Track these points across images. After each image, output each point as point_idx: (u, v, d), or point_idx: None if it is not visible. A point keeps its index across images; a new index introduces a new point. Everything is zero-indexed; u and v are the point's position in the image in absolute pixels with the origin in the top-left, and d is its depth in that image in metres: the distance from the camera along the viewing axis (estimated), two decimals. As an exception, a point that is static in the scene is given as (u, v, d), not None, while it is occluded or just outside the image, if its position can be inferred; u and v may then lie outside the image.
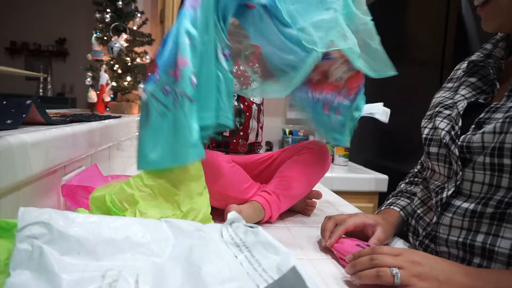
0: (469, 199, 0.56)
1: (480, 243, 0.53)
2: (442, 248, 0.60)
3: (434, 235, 0.61)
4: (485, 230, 0.54)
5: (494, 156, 0.52)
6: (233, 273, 0.38)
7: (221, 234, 0.48)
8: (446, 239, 0.59)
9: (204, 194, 0.59)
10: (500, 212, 0.52)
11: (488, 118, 0.57)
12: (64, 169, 0.66)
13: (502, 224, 0.52)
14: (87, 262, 0.36)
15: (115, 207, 0.50)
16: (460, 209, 0.57)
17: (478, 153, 0.55)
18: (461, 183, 0.58)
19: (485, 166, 0.54)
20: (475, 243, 0.54)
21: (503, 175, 0.52)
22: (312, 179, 0.82)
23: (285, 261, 0.39)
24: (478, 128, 0.57)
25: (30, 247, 0.34)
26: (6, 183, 0.45)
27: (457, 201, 0.58)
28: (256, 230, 0.46)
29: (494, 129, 0.53)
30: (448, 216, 0.58)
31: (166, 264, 0.39)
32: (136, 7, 1.59)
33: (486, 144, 0.53)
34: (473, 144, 0.56)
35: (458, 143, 0.58)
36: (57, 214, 0.38)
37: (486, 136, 0.54)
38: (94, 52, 1.50)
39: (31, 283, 0.32)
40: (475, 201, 0.55)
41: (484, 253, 0.53)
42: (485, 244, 0.53)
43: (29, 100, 0.60)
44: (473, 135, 0.56)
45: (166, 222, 0.45)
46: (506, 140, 0.51)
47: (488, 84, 0.63)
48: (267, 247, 0.42)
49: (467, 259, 0.56)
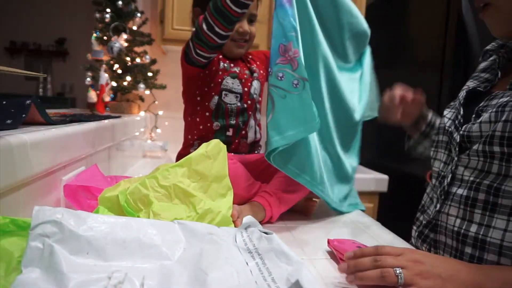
0: (461, 185, 0.59)
1: (473, 233, 0.55)
2: (441, 237, 0.62)
3: (435, 224, 0.63)
4: (478, 221, 0.56)
5: (486, 144, 0.54)
6: (240, 282, 0.38)
7: (235, 238, 0.47)
8: (445, 227, 0.61)
9: (227, 196, 0.58)
10: (492, 201, 0.53)
11: (486, 106, 0.58)
12: (64, 169, 0.66)
13: (494, 215, 0.53)
14: (96, 262, 0.37)
15: (130, 207, 0.50)
16: (456, 195, 0.59)
17: (476, 142, 0.57)
18: (456, 168, 0.61)
19: (479, 153, 0.56)
20: (469, 233, 0.56)
21: (493, 161, 0.54)
22: None
23: (296, 272, 0.38)
24: (477, 117, 0.59)
25: (42, 245, 0.35)
26: (6, 183, 0.45)
27: (453, 188, 0.61)
28: (270, 236, 0.46)
29: (490, 118, 0.54)
30: (447, 204, 0.61)
31: (174, 268, 0.39)
32: (136, 7, 1.59)
33: (484, 133, 0.55)
34: (472, 134, 0.58)
35: (460, 132, 0.61)
36: (69, 213, 0.38)
37: (483, 125, 0.55)
38: (94, 52, 1.49)
39: (39, 281, 0.33)
40: (467, 186, 0.57)
41: (476, 243, 0.55)
42: (478, 234, 0.54)
43: (29, 100, 0.59)
44: (473, 124, 0.58)
45: (179, 224, 0.45)
46: (497, 129, 0.52)
47: (493, 73, 0.64)
48: (280, 255, 0.42)
49: (459, 249, 0.57)
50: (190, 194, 0.53)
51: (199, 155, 0.57)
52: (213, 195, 0.56)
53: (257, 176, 0.86)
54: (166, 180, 0.53)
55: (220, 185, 0.58)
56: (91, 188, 0.65)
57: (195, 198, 0.53)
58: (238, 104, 0.94)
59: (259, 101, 1.01)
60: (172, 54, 1.81)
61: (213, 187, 0.56)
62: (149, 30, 1.67)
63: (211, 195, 0.56)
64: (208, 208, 0.53)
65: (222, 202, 0.56)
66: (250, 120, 0.95)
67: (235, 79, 0.94)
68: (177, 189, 0.53)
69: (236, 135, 0.93)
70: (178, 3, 1.55)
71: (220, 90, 0.92)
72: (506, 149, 0.51)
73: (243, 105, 0.94)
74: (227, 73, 0.93)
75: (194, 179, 0.56)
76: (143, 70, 1.55)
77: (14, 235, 0.37)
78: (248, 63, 1.01)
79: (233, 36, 0.92)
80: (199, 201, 0.53)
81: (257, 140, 0.99)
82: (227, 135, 0.92)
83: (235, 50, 0.95)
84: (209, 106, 0.93)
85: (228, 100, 0.93)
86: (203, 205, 0.53)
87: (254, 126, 0.98)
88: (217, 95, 0.92)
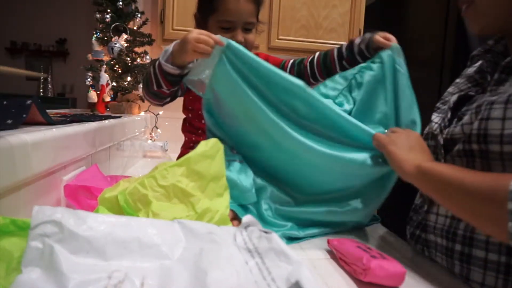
0: None
1: (461, 231, 0.57)
2: (430, 236, 0.63)
3: (425, 224, 0.64)
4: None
5: (465, 143, 0.55)
6: (240, 281, 0.38)
7: (234, 237, 0.47)
8: (434, 227, 0.62)
9: (224, 195, 0.58)
10: None
11: (467, 109, 0.60)
12: (64, 169, 0.66)
13: None
14: (96, 262, 0.37)
15: (129, 207, 0.50)
16: None
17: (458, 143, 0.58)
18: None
19: (460, 153, 0.57)
20: (458, 231, 0.57)
21: (475, 159, 0.55)
22: None
23: (296, 271, 0.38)
24: (459, 120, 0.60)
25: (42, 245, 0.35)
26: (6, 183, 0.45)
27: None
28: (270, 236, 0.46)
29: (470, 120, 0.56)
30: (435, 204, 0.62)
31: (174, 267, 0.39)
32: (136, 7, 1.59)
33: (465, 135, 0.56)
34: (455, 136, 0.59)
35: (443, 136, 0.62)
36: (69, 213, 0.38)
37: (464, 127, 0.57)
38: (94, 52, 1.50)
39: (39, 281, 0.33)
40: None
41: (465, 241, 0.56)
42: (466, 232, 0.56)
43: (29, 100, 0.60)
44: (455, 127, 0.59)
45: (179, 224, 0.45)
46: (473, 127, 0.53)
47: (483, 77, 0.65)
48: (279, 255, 0.42)
49: (449, 247, 0.58)
50: (189, 194, 0.53)
51: (198, 154, 0.57)
52: (210, 195, 0.56)
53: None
54: (165, 179, 0.53)
55: (218, 185, 0.58)
56: (91, 188, 0.65)
57: (194, 197, 0.53)
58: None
59: None
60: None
61: (211, 187, 0.56)
62: (150, 31, 1.68)
63: (209, 195, 0.56)
64: (206, 207, 0.53)
65: (219, 202, 0.56)
66: None
67: None
68: (176, 189, 0.53)
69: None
70: (178, 4, 1.56)
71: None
72: (483, 146, 0.52)
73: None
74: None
75: (192, 179, 0.56)
76: (144, 70, 1.56)
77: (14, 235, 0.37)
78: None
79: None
80: (197, 201, 0.53)
81: None
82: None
83: None
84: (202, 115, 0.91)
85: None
86: (202, 204, 0.53)
87: None
88: None
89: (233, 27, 0.86)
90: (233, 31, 0.86)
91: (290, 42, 1.71)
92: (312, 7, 1.71)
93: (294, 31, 1.72)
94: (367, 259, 0.50)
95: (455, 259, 0.57)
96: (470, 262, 0.55)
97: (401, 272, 0.50)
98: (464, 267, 0.56)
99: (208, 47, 0.67)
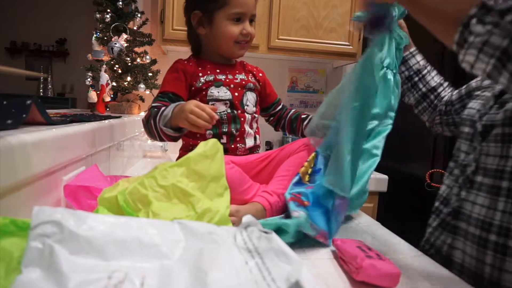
0: (485, 173, 0.60)
1: (498, 221, 0.56)
2: (463, 224, 0.63)
3: (458, 211, 0.64)
4: (501, 208, 0.57)
5: (505, 126, 0.56)
6: (240, 281, 0.38)
7: (234, 237, 0.47)
8: (469, 215, 0.62)
9: (224, 195, 0.58)
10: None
11: (511, 97, 0.59)
12: (65, 169, 0.66)
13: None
14: (96, 262, 0.37)
15: (129, 207, 0.50)
16: (480, 184, 0.61)
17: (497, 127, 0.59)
18: (479, 157, 0.62)
19: (497, 138, 0.58)
20: (493, 221, 0.57)
21: (510, 144, 0.55)
22: None
23: (296, 271, 0.38)
24: (501, 107, 0.60)
25: (42, 246, 0.35)
26: (6, 183, 0.45)
27: (478, 177, 0.62)
28: (270, 236, 0.46)
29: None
30: (471, 193, 0.62)
31: (174, 267, 0.39)
32: (136, 7, 1.59)
33: (508, 118, 0.57)
34: (496, 122, 0.59)
35: (483, 122, 0.62)
36: (69, 213, 0.38)
37: (507, 112, 0.57)
38: (94, 52, 1.50)
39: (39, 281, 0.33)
40: (490, 175, 0.59)
41: (500, 231, 0.56)
42: (502, 222, 0.56)
43: (29, 100, 0.60)
44: (496, 113, 0.60)
45: (179, 224, 0.45)
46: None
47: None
48: (279, 255, 0.42)
49: (483, 237, 0.58)
50: (189, 194, 0.53)
51: (197, 154, 0.57)
52: (211, 195, 0.56)
53: (256, 175, 0.86)
54: (165, 179, 0.53)
55: (218, 185, 0.58)
56: (91, 188, 0.65)
57: (194, 197, 0.53)
58: (228, 111, 0.92)
59: (256, 111, 0.99)
60: (172, 54, 1.81)
61: (211, 187, 0.57)
62: (150, 31, 1.68)
63: (209, 195, 0.56)
64: (207, 207, 0.53)
65: (219, 202, 0.56)
66: (244, 126, 0.94)
67: (220, 87, 0.92)
68: (176, 189, 0.53)
69: (230, 142, 0.93)
70: (178, 4, 1.56)
71: (207, 102, 0.91)
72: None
73: (233, 112, 0.92)
74: (210, 84, 0.92)
75: (192, 179, 0.56)
76: (144, 70, 1.56)
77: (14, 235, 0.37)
78: (243, 71, 1.00)
79: (237, 39, 0.92)
80: (198, 201, 0.53)
81: (256, 145, 0.99)
82: (221, 142, 0.92)
83: (237, 52, 0.95)
84: None
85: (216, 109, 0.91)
86: (202, 204, 0.53)
87: (253, 134, 0.97)
88: None
89: (242, 19, 0.91)
90: (242, 23, 0.91)
91: (290, 42, 1.71)
92: (312, 7, 1.71)
93: (294, 31, 1.72)
94: (361, 258, 0.50)
95: (489, 249, 0.57)
96: (506, 253, 0.55)
97: (395, 273, 0.50)
98: (497, 257, 0.56)
99: (200, 120, 0.74)
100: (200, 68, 0.94)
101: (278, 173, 0.81)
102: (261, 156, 0.89)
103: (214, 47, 0.96)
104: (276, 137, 2.08)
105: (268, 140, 2.05)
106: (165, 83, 0.93)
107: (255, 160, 0.89)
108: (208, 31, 0.93)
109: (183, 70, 0.93)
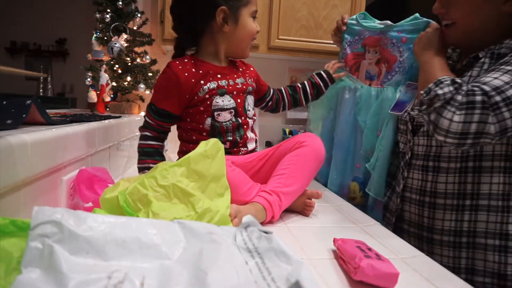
0: (418, 157, 0.88)
1: (429, 188, 0.85)
2: (407, 193, 0.91)
3: (404, 185, 0.92)
4: (430, 179, 0.85)
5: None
6: (240, 281, 0.38)
7: (234, 237, 0.47)
8: (410, 187, 0.90)
9: (225, 195, 0.58)
10: (437, 166, 0.83)
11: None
12: (64, 169, 0.66)
13: (439, 174, 0.83)
14: (96, 262, 0.36)
15: (129, 207, 0.50)
16: (415, 165, 0.89)
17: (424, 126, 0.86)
18: (413, 147, 0.90)
19: (424, 134, 0.86)
20: (426, 188, 0.85)
21: (432, 138, 0.83)
22: (310, 172, 0.83)
23: (296, 271, 0.38)
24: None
25: (41, 246, 0.35)
26: (6, 183, 0.45)
27: (413, 160, 0.90)
28: (270, 236, 0.46)
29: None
30: (411, 171, 0.90)
31: (174, 267, 0.39)
32: (136, 7, 1.59)
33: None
34: (422, 123, 0.84)
35: (414, 122, 0.91)
36: (69, 213, 0.38)
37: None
38: (94, 52, 1.49)
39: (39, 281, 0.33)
40: (421, 158, 0.87)
41: (431, 194, 0.84)
42: (432, 188, 0.84)
43: (29, 100, 0.60)
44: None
45: (179, 224, 0.45)
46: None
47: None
48: (279, 255, 0.42)
49: (420, 199, 0.87)
50: (189, 194, 0.53)
51: (197, 154, 0.57)
52: (211, 195, 0.56)
53: (255, 174, 0.87)
54: (165, 179, 0.53)
55: (218, 185, 0.58)
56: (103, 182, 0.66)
57: (194, 197, 0.53)
58: (233, 120, 0.90)
59: (254, 113, 0.98)
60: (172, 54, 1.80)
61: (211, 187, 0.57)
62: (149, 30, 1.68)
63: (209, 195, 0.56)
64: (207, 207, 0.53)
65: (220, 202, 0.56)
66: (247, 133, 0.94)
67: (224, 96, 0.89)
68: (176, 189, 0.53)
69: (233, 147, 0.92)
70: (178, 3, 1.55)
71: (212, 111, 0.88)
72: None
73: (238, 120, 0.90)
74: (214, 92, 0.88)
75: (192, 179, 0.56)
76: (143, 70, 1.55)
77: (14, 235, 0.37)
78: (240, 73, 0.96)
79: (255, 36, 0.92)
80: (198, 201, 0.53)
81: (256, 147, 0.99)
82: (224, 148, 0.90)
83: (247, 52, 0.94)
84: (204, 128, 0.89)
85: (222, 119, 0.88)
86: (202, 204, 0.53)
87: (255, 138, 0.96)
88: (210, 117, 0.88)
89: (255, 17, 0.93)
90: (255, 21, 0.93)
91: (290, 42, 1.71)
92: (312, 7, 1.71)
93: (294, 31, 1.72)
94: (359, 258, 0.50)
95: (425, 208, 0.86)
96: (435, 207, 0.83)
97: (393, 273, 0.49)
98: (431, 211, 0.84)
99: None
100: (201, 71, 0.88)
101: (276, 171, 0.81)
102: (260, 155, 0.89)
103: (232, 45, 0.91)
104: (276, 137, 2.08)
105: (268, 140, 2.05)
106: (157, 94, 0.89)
107: (254, 160, 0.89)
108: (231, 28, 0.88)
109: (176, 82, 0.86)
